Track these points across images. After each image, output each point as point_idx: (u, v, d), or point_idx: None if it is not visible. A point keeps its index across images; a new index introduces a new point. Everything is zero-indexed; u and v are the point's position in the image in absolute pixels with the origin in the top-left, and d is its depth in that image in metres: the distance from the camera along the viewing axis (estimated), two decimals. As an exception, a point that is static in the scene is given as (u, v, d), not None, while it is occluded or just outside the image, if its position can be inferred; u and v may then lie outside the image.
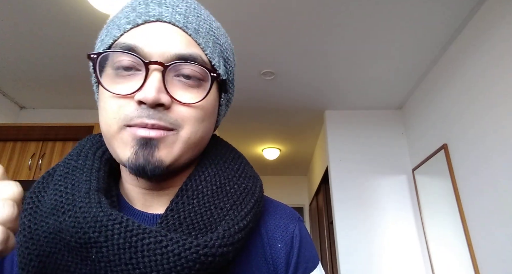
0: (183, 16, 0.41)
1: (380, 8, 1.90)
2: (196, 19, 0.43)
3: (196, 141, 0.41)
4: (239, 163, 0.47)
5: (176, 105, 0.39)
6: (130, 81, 0.38)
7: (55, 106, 2.99)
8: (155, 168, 0.37)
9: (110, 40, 0.40)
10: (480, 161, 1.88)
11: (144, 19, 0.40)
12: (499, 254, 1.70)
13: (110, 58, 0.39)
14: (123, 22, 0.41)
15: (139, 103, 0.37)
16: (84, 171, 0.42)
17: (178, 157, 0.40)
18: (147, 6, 0.41)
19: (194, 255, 0.33)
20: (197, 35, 0.42)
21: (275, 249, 0.45)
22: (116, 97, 0.38)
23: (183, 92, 0.39)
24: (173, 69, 0.39)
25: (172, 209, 0.39)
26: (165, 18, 0.40)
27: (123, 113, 0.37)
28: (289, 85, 2.71)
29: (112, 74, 0.39)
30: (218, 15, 2.14)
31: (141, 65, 0.38)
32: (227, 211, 0.40)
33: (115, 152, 0.39)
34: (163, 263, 0.33)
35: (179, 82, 0.39)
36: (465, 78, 2.04)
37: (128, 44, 0.38)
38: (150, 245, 0.33)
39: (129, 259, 0.33)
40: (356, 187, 2.80)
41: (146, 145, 0.37)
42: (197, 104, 0.40)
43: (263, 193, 0.47)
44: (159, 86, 0.37)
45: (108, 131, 0.39)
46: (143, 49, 0.38)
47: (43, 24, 1.98)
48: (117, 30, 0.41)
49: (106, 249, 0.34)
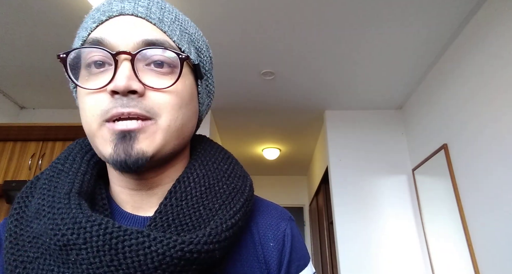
0: (145, 8, 0.42)
1: (380, 8, 1.90)
2: (160, 11, 0.43)
3: (177, 129, 0.41)
4: (229, 163, 0.47)
5: (150, 92, 0.39)
6: (103, 76, 0.38)
7: (55, 106, 2.99)
8: (137, 159, 0.37)
9: (79, 42, 0.41)
10: (480, 161, 1.88)
11: (107, 15, 0.41)
12: (499, 254, 1.70)
13: (82, 58, 0.40)
14: (90, 22, 0.42)
15: (112, 94, 0.37)
16: (69, 174, 0.41)
17: (160, 146, 0.39)
18: (110, 4, 0.42)
19: (179, 253, 0.33)
20: (161, 23, 0.42)
21: (267, 248, 0.45)
22: (91, 93, 0.38)
23: (156, 79, 0.39)
24: (142, 57, 0.39)
25: (160, 211, 0.39)
26: (127, 11, 0.41)
27: (99, 108, 0.37)
28: (289, 85, 2.71)
29: (85, 73, 0.39)
30: (218, 15, 2.14)
31: (110, 58, 0.38)
32: (216, 211, 0.40)
33: (98, 150, 0.39)
34: (147, 263, 0.33)
35: (151, 70, 0.39)
36: (465, 78, 2.04)
37: (94, 38, 0.39)
38: (132, 247, 0.33)
39: (110, 261, 0.33)
40: (356, 187, 2.80)
41: (125, 138, 0.37)
42: (170, 88, 0.39)
43: (254, 192, 0.47)
44: (129, 74, 0.37)
45: (89, 130, 0.39)
46: (110, 41, 0.39)
47: (43, 24, 1.98)
48: (85, 31, 0.41)
49: (86, 251, 0.33)
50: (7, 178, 2.33)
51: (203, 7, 1.89)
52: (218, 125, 3.53)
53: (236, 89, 2.77)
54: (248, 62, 2.42)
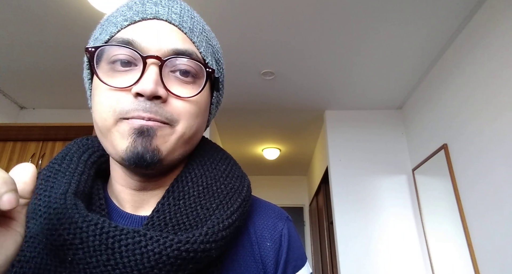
0: (178, 16, 0.42)
1: (380, 8, 1.90)
2: (191, 20, 0.44)
3: (191, 136, 0.42)
4: (227, 164, 0.48)
5: (172, 99, 0.39)
6: (127, 75, 0.38)
7: (55, 106, 2.99)
8: (154, 155, 0.38)
9: (107, 36, 0.41)
10: (480, 161, 1.88)
11: (141, 16, 0.41)
12: (499, 254, 1.70)
13: (106, 53, 0.40)
14: (120, 19, 0.41)
15: (136, 96, 0.37)
16: (66, 174, 0.42)
17: (172, 150, 0.40)
18: (143, 5, 0.42)
19: (176, 252, 0.34)
20: (192, 33, 0.43)
21: (264, 248, 0.45)
22: (113, 90, 0.38)
23: (179, 87, 0.40)
24: (170, 64, 0.40)
25: (158, 210, 0.39)
26: (161, 16, 0.41)
27: (119, 106, 0.38)
28: (289, 85, 2.71)
29: (107, 69, 0.39)
30: (218, 15, 2.13)
31: (138, 59, 0.38)
32: (213, 211, 0.40)
33: (111, 145, 0.39)
34: (143, 262, 0.33)
35: (175, 78, 0.40)
36: (465, 78, 2.04)
37: (126, 38, 0.39)
38: (128, 246, 0.33)
39: (106, 260, 0.33)
40: (356, 187, 2.80)
41: (144, 134, 0.37)
42: (192, 98, 0.40)
43: (251, 192, 0.47)
44: (157, 79, 0.37)
45: (103, 124, 0.39)
46: (141, 44, 0.39)
47: (43, 25, 1.98)
48: (114, 27, 0.41)
49: (82, 251, 0.34)
50: (7, 178, 2.32)
51: (203, 7, 1.89)
52: (218, 125, 3.53)
53: (236, 89, 2.77)
54: (248, 62, 2.42)
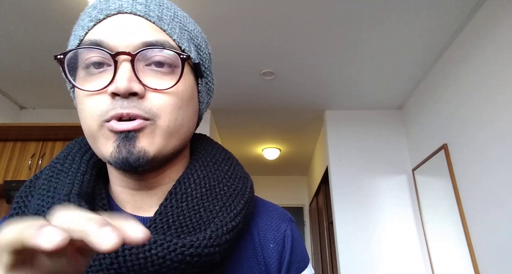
0: (143, 6, 0.41)
1: (380, 8, 1.90)
2: (159, 8, 0.42)
3: (177, 129, 0.40)
4: (229, 164, 0.47)
5: (150, 93, 0.38)
6: (102, 77, 0.38)
7: (55, 106, 2.99)
8: (139, 158, 0.37)
9: (76, 41, 0.40)
10: (480, 161, 1.88)
11: (105, 13, 0.40)
12: (499, 254, 1.70)
13: (80, 59, 0.39)
14: (86, 21, 0.41)
15: (112, 96, 0.37)
16: (69, 174, 0.41)
17: (161, 147, 0.39)
18: (107, 1, 0.41)
19: (180, 256, 0.33)
20: (161, 21, 0.41)
21: (267, 249, 0.45)
22: (91, 94, 0.38)
23: (156, 80, 0.39)
24: (143, 58, 0.38)
25: (161, 212, 0.39)
26: (125, 9, 0.40)
27: (99, 109, 0.37)
28: (289, 85, 2.71)
29: (84, 74, 0.39)
30: (218, 16, 2.13)
31: (109, 59, 0.37)
32: (217, 213, 0.40)
33: (99, 150, 0.39)
34: (147, 266, 0.33)
35: (151, 71, 0.39)
36: (465, 78, 2.04)
37: (93, 40, 0.38)
38: (132, 250, 0.33)
39: (110, 264, 0.33)
40: (356, 187, 2.80)
41: (126, 138, 0.37)
42: (171, 89, 0.39)
43: (254, 193, 0.47)
44: (130, 75, 0.36)
45: (89, 131, 0.38)
46: (108, 42, 0.38)
47: (43, 25, 1.98)
48: (81, 30, 0.40)
49: None
50: (7, 178, 2.33)
51: (203, 7, 1.89)
52: (218, 125, 3.52)
53: (236, 89, 2.77)
54: (248, 62, 2.42)
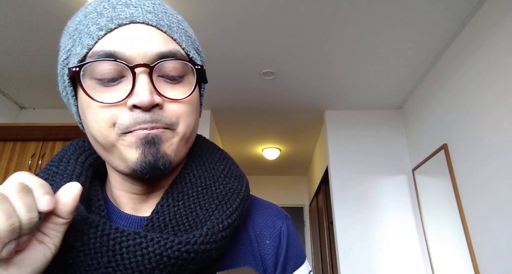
0: (153, 14, 0.40)
1: (380, 8, 1.90)
2: (165, 15, 0.42)
3: (190, 134, 0.42)
4: (225, 164, 0.48)
5: (167, 103, 0.39)
6: (118, 89, 0.37)
7: (55, 106, 2.99)
8: (165, 161, 0.38)
9: (84, 50, 0.38)
10: (480, 161, 1.88)
11: (116, 23, 0.38)
12: (499, 254, 1.70)
13: (89, 68, 0.38)
14: (94, 29, 0.38)
15: (132, 108, 0.37)
16: (64, 176, 0.41)
17: (178, 151, 0.40)
18: (114, 9, 0.39)
19: (176, 253, 0.34)
20: (171, 30, 0.41)
21: (263, 246, 0.46)
22: (106, 106, 0.37)
23: (171, 89, 0.40)
24: (158, 69, 0.39)
25: (157, 211, 0.39)
26: (137, 18, 0.39)
27: (118, 122, 0.37)
28: (289, 85, 2.71)
29: (94, 84, 0.37)
30: (218, 15, 2.13)
31: (126, 70, 0.37)
32: (213, 211, 0.40)
33: (119, 158, 0.38)
34: (144, 264, 0.33)
35: (164, 81, 0.40)
36: (465, 78, 2.04)
37: (107, 51, 0.37)
38: (129, 248, 0.33)
39: (108, 262, 0.33)
40: (356, 187, 2.80)
41: (150, 143, 0.37)
42: (186, 98, 0.40)
43: (249, 192, 0.48)
44: (150, 87, 0.37)
45: (106, 140, 0.38)
46: (124, 54, 0.37)
47: (43, 24, 1.98)
48: (90, 38, 0.38)
49: (83, 253, 0.34)
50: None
51: (203, 7, 1.89)
52: (218, 125, 3.53)
53: (236, 89, 2.77)
54: (248, 62, 2.42)
